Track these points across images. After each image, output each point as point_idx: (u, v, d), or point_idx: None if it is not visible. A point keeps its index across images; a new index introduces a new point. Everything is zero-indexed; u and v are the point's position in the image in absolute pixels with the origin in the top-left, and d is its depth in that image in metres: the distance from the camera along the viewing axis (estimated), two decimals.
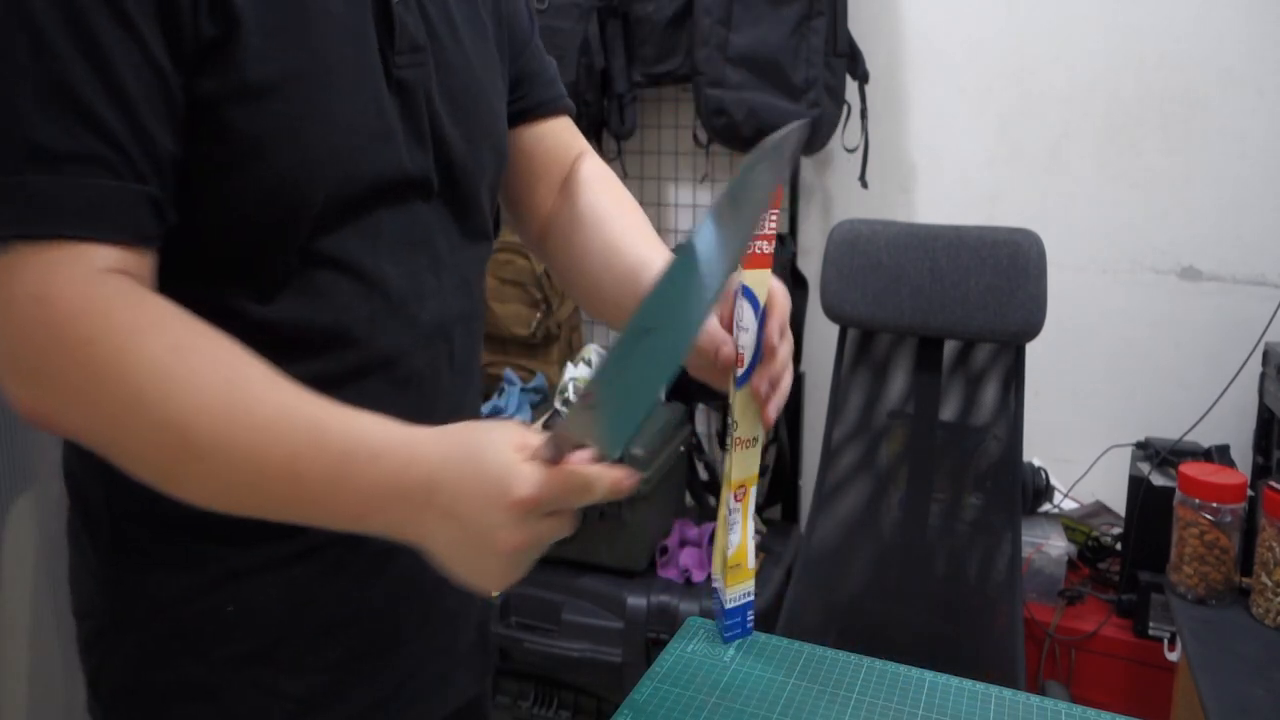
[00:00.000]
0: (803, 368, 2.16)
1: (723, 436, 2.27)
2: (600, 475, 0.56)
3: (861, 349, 1.53)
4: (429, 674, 0.77)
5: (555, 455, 0.55)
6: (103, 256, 0.54)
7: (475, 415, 0.80)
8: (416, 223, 0.68)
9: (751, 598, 0.93)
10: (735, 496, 0.85)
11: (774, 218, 0.76)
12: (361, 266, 0.65)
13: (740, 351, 0.76)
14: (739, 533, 0.88)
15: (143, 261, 0.57)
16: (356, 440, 0.55)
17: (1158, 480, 1.65)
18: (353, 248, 0.64)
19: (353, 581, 0.70)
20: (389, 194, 0.66)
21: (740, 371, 0.78)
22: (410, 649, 0.75)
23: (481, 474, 0.54)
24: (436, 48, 0.69)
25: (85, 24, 0.53)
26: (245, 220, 0.60)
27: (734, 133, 1.93)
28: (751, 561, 0.91)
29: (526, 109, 0.83)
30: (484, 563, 0.55)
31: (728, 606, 0.91)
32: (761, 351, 0.76)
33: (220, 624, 0.67)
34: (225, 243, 0.61)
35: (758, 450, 0.85)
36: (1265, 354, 1.67)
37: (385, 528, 0.56)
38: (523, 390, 2.02)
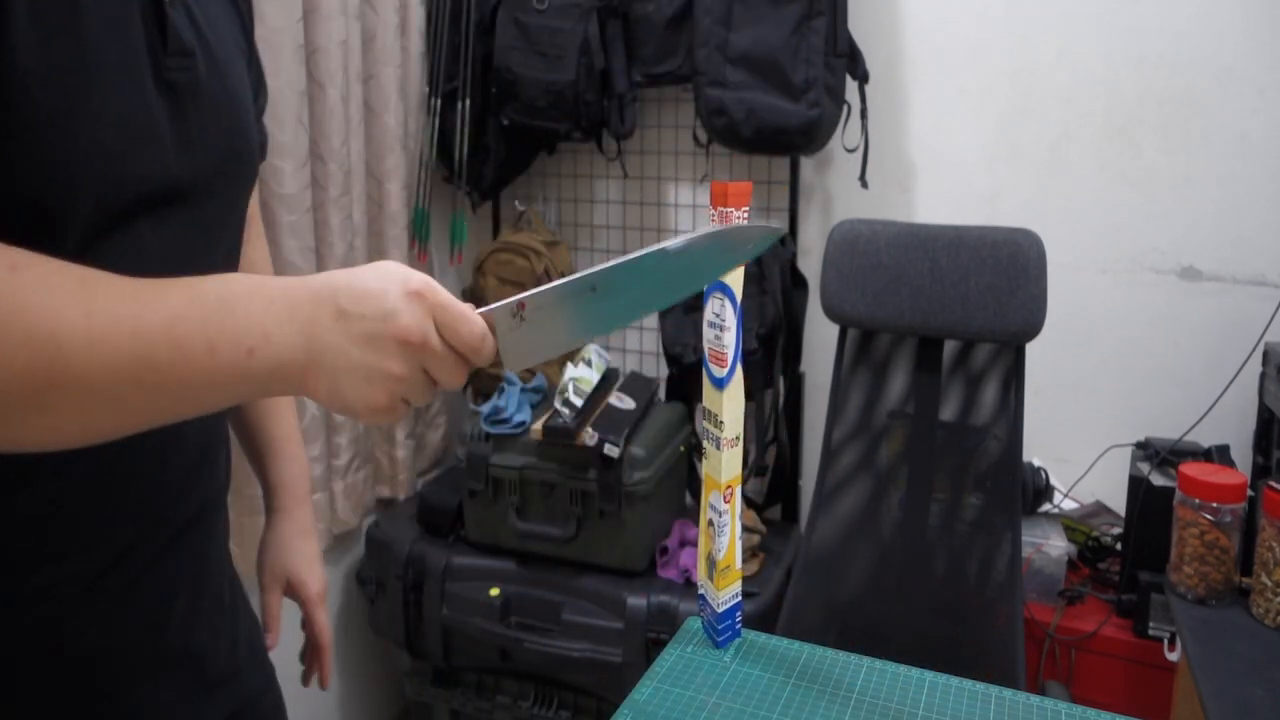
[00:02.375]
0: (803, 368, 2.17)
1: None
2: (488, 335, 0.59)
3: (861, 349, 1.53)
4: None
5: None
6: None
7: (228, 462, 0.81)
8: (171, 232, 0.65)
9: (739, 598, 0.93)
10: (724, 498, 0.85)
11: (745, 214, 0.78)
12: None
13: (722, 351, 0.76)
14: (727, 534, 0.88)
15: None
16: (233, 282, 0.55)
17: (1158, 480, 1.65)
18: (114, 261, 0.58)
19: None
20: (154, 201, 0.63)
21: (723, 373, 0.78)
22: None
23: (381, 269, 0.57)
24: (205, 54, 0.68)
25: None
26: (9, 213, 0.56)
27: (734, 133, 1.93)
28: (739, 562, 0.91)
29: None
30: (377, 360, 0.55)
31: (719, 610, 0.91)
32: (741, 351, 0.78)
33: None
34: None
35: (740, 448, 0.85)
36: (1265, 354, 1.67)
37: (279, 354, 0.55)
38: (523, 390, 2.02)
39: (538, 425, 1.88)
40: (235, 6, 0.78)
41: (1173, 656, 1.55)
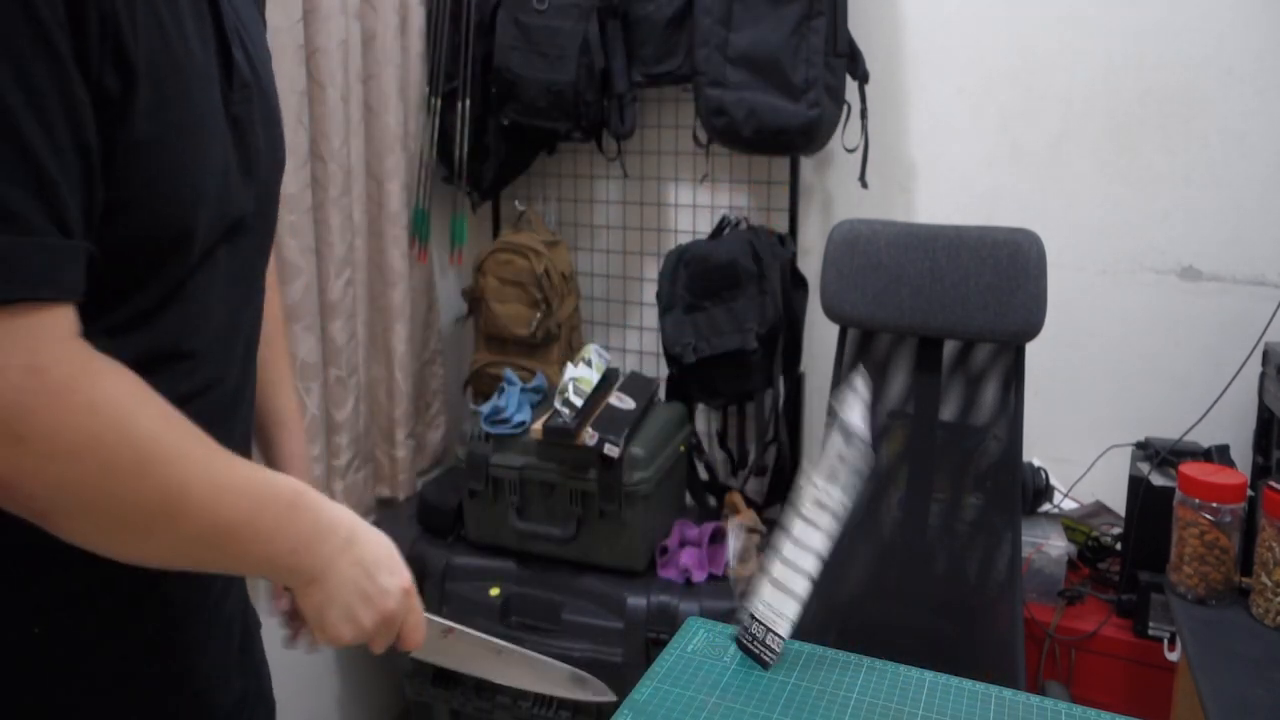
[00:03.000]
0: (803, 368, 2.16)
1: (723, 436, 2.27)
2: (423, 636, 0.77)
3: (861, 349, 1.53)
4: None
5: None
6: (70, 318, 0.54)
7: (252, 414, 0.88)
8: (240, 256, 0.72)
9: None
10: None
11: None
12: (205, 300, 0.68)
13: None
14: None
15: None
16: (298, 492, 0.66)
17: (1158, 480, 1.65)
18: (200, 282, 0.67)
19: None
20: (230, 231, 0.69)
21: None
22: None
23: (389, 551, 0.73)
24: (256, 81, 0.71)
25: (27, 74, 0.51)
26: (125, 261, 0.60)
27: (734, 133, 1.93)
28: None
29: None
30: (359, 612, 0.70)
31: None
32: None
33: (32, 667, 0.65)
34: (101, 282, 0.59)
35: None
36: (1265, 354, 1.67)
37: (304, 564, 0.67)
38: (523, 390, 2.02)
39: (538, 425, 1.88)
40: (260, 14, 0.80)
41: (1173, 656, 1.55)
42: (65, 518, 0.56)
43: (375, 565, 0.70)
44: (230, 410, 0.76)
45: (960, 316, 1.41)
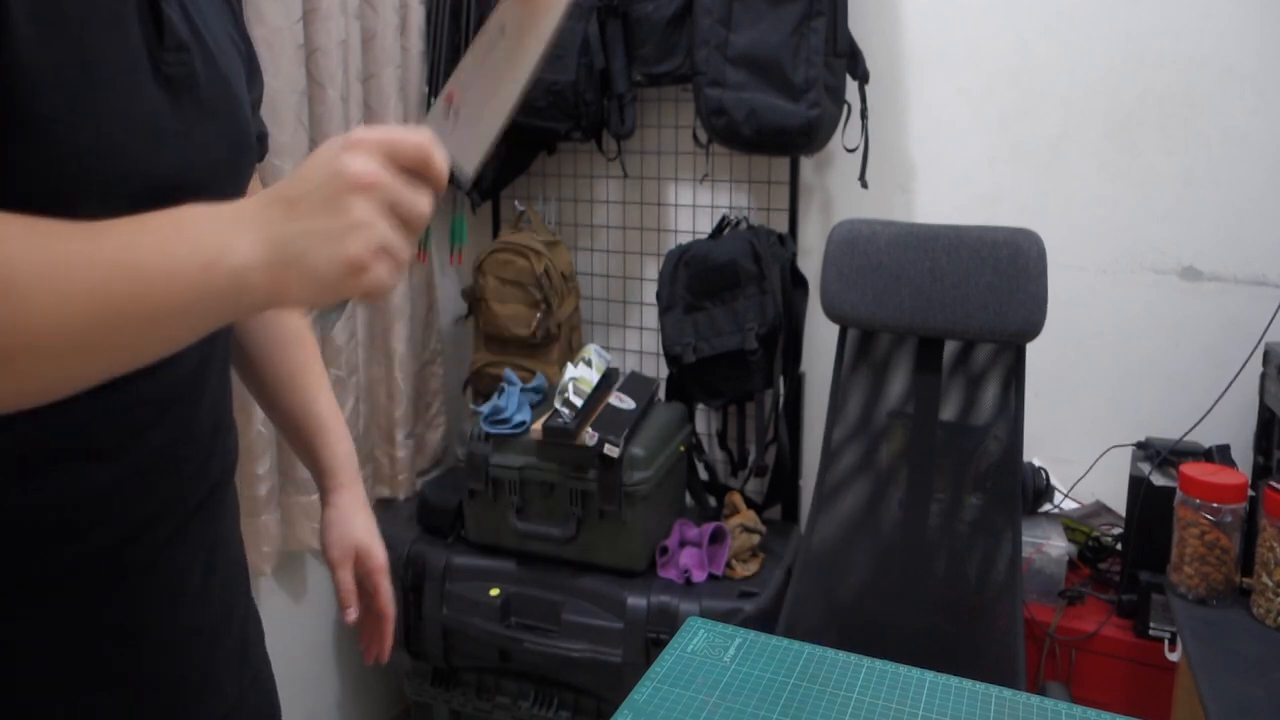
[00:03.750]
0: (803, 368, 2.16)
1: (723, 436, 2.27)
2: (432, 141, 0.55)
3: (861, 349, 1.53)
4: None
5: None
6: None
7: (235, 444, 0.82)
8: None
9: None
10: None
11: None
12: None
13: None
14: None
15: None
16: (182, 209, 0.54)
17: (1158, 480, 1.65)
18: None
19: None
20: (158, 196, 0.62)
21: None
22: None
23: (316, 151, 0.55)
24: (200, 48, 0.67)
25: None
26: (16, 210, 0.55)
27: (734, 133, 1.93)
28: None
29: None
30: (337, 217, 0.52)
31: None
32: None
33: None
34: None
35: None
36: (1265, 354, 1.67)
37: (238, 263, 0.52)
38: (523, 390, 2.02)
39: (538, 425, 1.88)
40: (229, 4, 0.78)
41: (1173, 657, 1.55)
42: None
43: (308, 171, 0.54)
44: (191, 394, 0.71)
45: (960, 316, 1.41)
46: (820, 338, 2.14)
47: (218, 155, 0.69)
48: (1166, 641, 1.61)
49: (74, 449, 0.63)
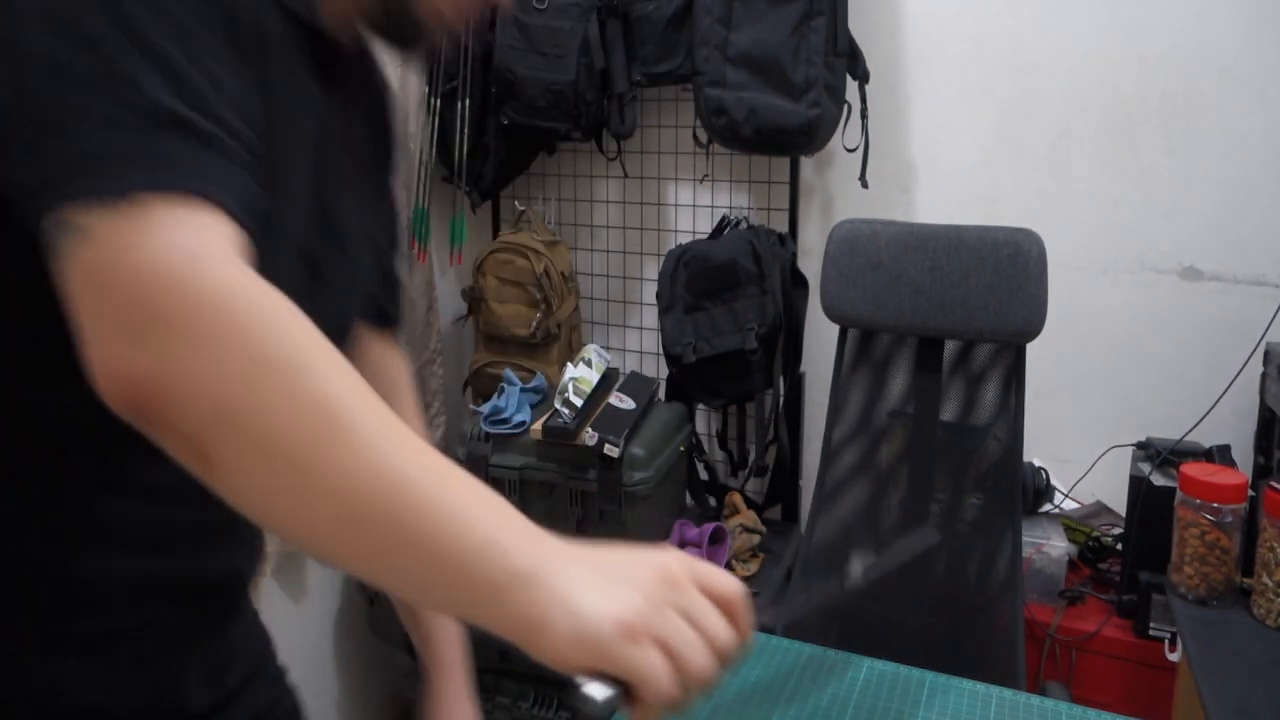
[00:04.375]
0: (803, 368, 2.16)
1: (723, 436, 2.27)
2: (746, 593, 0.53)
3: (861, 349, 1.53)
4: None
5: None
6: (236, 236, 0.51)
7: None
8: None
9: None
10: None
11: None
12: None
13: None
14: None
15: None
16: (505, 508, 0.52)
17: (1158, 480, 1.65)
18: None
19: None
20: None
21: None
22: None
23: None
24: (339, 246, 0.72)
25: (206, 51, 0.54)
26: None
27: (734, 133, 1.93)
28: None
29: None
30: (624, 574, 0.50)
31: None
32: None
33: None
34: None
35: None
36: (1266, 354, 1.67)
37: (521, 563, 0.48)
38: (523, 390, 2.02)
39: (538, 425, 1.88)
40: (389, 203, 0.82)
41: (1173, 657, 1.55)
42: (220, 436, 0.47)
43: (611, 556, 0.51)
44: None
45: (960, 316, 1.41)
46: (820, 338, 2.14)
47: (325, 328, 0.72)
48: (1167, 642, 1.61)
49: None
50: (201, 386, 0.47)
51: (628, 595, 0.49)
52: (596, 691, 0.47)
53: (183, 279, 0.47)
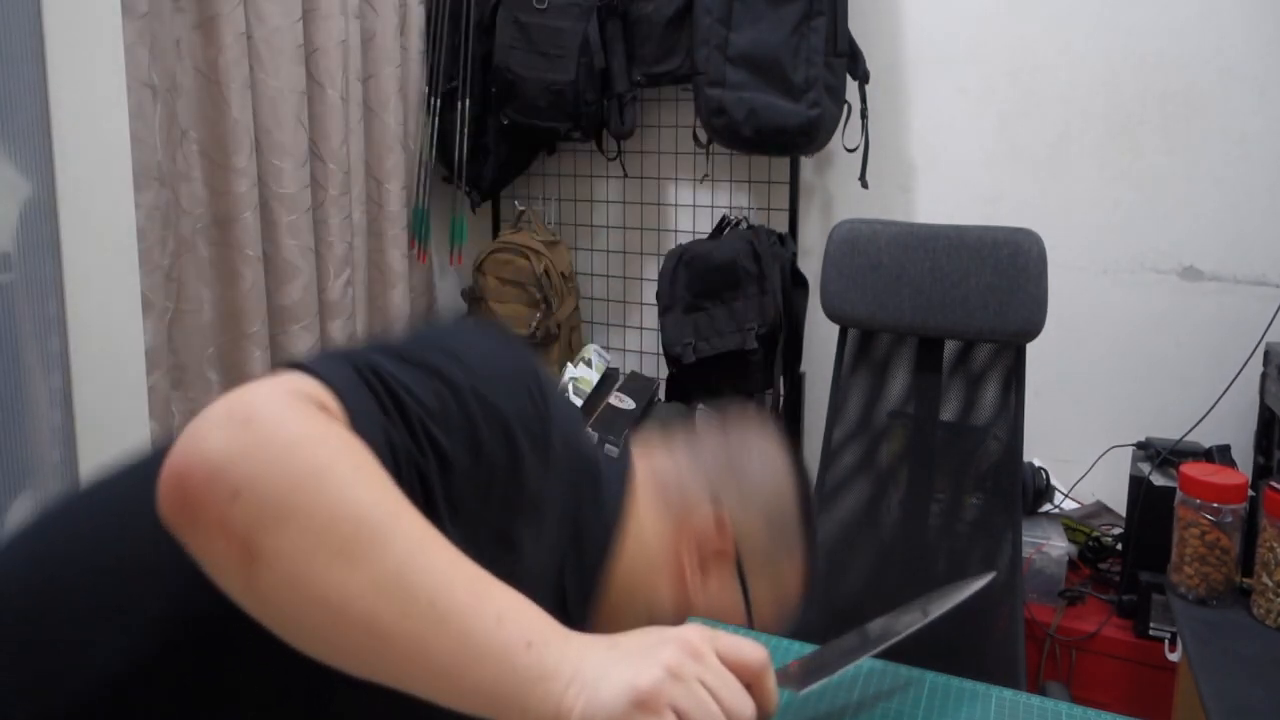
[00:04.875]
0: (803, 368, 2.16)
1: None
2: (769, 663, 0.54)
3: (861, 349, 1.53)
4: None
5: None
6: (343, 415, 0.56)
7: None
8: None
9: None
10: None
11: None
12: None
13: None
14: None
15: None
16: (527, 610, 0.53)
17: (1158, 480, 1.65)
18: None
19: None
20: None
21: None
22: None
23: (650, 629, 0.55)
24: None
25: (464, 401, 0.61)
26: None
27: (734, 133, 1.93)
28: None
29: None
30: (646, 649, 0.51)
31: None
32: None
33: None
34: None
35: None
36: (1266, 354, 1.67)
37: (549, 661, 0.50)
38: None
39: None
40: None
41: (1173, 657, 1.55)
42: (267, 531, 0.49)
43: (635, 636, 0.54)
44: None
45: (960, 316, 1.41)
46: (820, 338, 2.14)
47: None
48: (1167, 642, 1.61)
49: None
50: (264, 477, 0.49)
51: (646, 666, 0.50)
52: None
53: (275, 404, 0.52)
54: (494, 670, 0.49)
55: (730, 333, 1.99)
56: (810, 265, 2.13)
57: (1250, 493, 1.42)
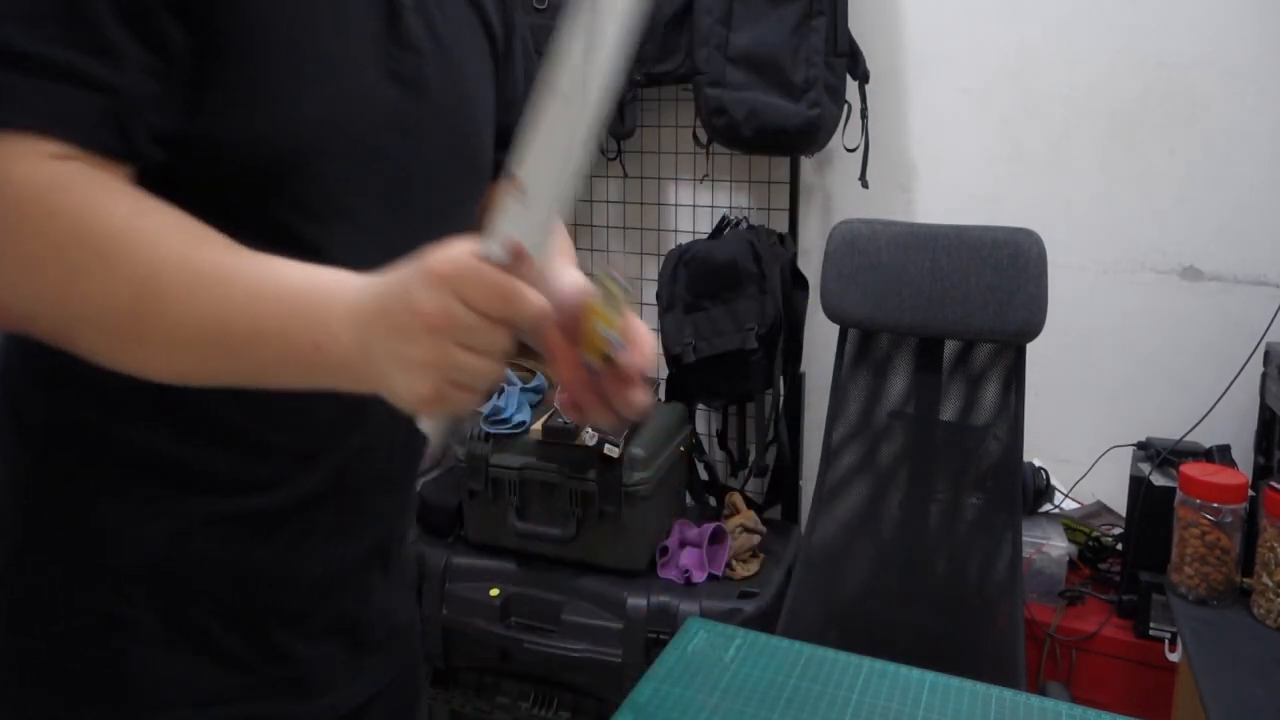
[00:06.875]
0: (803, 368, 2.16)
1: (723, 436, 2.27)
2: (527, 291, 0.54)
3: (861, 349, 1.53)
4: (342, 657, 0.77)
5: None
6: (55, 148, 0.55)
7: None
8: (408, 225, 0.69)
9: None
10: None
11: None
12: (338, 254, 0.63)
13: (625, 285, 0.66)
14: None
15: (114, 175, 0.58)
16: (315, 275, 0.57)
17: (1159, 480, 1.65)
18: (351, 247, 0.65)
19: (297, 554, 0.72)
20: (388, 187, 0.68)
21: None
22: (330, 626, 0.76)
23: (412, 263, 0.54)
24: (439, 56, 0.71)
25: None
26: (250, 173, 0.62)
27: (734, 132, 1.93)
28: None
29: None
30: (409, 350, 0.53)
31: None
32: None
33: (155, 572, 0.67)
34: (219, 201, 0.61)
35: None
36: (1266, 354, 1.67)
37: (341, 354, 0.56)
38: (523, 390, 2.01)
39: (538, 425, 1.88)
40: (482, 21, 0.80)
41: (1173, 657, 1.55)
42: (62, 330, 0.57)
43: (390, 288, 0.55)
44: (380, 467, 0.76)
45: (960, 316, 1.41)
46: (820, 338, 2.14)
47: (446, 153, 0.73)
48: (1167, 642, 1.61)
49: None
50: (32, 307, 0.56)
51: (418, 375, 0.54)
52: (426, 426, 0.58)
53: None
54: (308, 376, 0.58)
55: (730, 333, 1.99)
56: (810, 265, 2.13)
57: (1250, 493, 1.42)
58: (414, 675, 0.89)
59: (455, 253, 0.53)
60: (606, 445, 1.81)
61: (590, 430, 1.83)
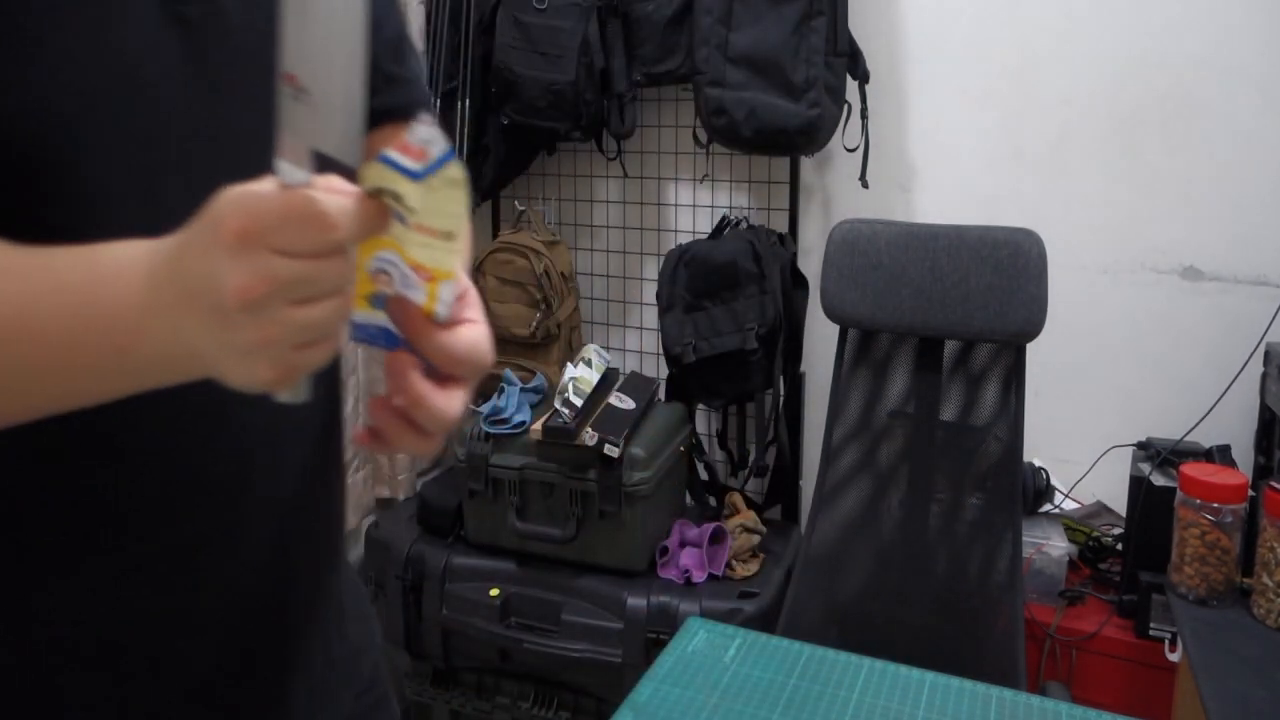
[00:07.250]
0: (803, 368, 2.16)
1: (723, 436, 2.27)
2: (326, 197, 0.43)
3: (861, 349, 1.53)
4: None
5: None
6: None
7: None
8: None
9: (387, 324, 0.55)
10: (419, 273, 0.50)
11: None
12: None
13: (422, 146, 0.48)
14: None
15: None
16: (98, 263, 0.47)
17: (1159, 480, 1.65)
18: (145, 228, 0.50)
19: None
20: (183, 154, 0.56)
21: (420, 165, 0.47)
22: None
23: (199, 221, 0.44)
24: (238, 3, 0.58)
25: None
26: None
27: (734, 132, 1.93)
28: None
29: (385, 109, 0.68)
30: (229, 334, 0.43)
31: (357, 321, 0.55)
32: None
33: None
34: None
35: (452, 247, 0.49)
36: (1266, 354, 1.67)
37: (156, 349, 0.46)
38: (523, 390, 2.01)
39: (538, 425, 1.88)
40: None
41: (1173, 657, 1.55)
42: None
43: (190, 266, 0.44)
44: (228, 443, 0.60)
45: (960, 316, 1.41)
46: (820, 338, 2.14)
47: (251, 125, 0.57)
48: (1167, 642, 1.61)
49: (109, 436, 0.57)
50: None
51: (254, 363, 0.44)
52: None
53: None
54: (128, 380, 0.48)
55: (730, 333, 1.99)
56: (810, 265, 2.13)
57: (1250, 493, 1.42)
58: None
59: (247, 199, 0.43)
60: (606, 445, 1.81)
61: (590, 430, 1.83)
